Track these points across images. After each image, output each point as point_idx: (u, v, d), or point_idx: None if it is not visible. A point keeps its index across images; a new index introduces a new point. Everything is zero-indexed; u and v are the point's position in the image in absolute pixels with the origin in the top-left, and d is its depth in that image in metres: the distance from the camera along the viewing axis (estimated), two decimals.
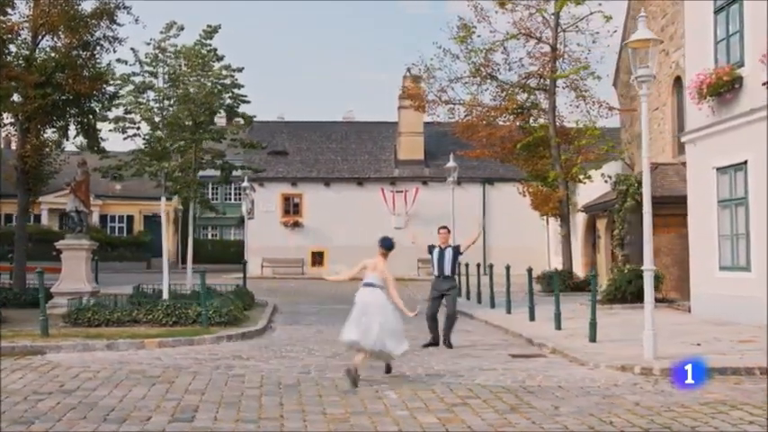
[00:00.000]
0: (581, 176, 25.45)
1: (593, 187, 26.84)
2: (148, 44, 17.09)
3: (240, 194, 53.56)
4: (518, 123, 26.33)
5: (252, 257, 39.96)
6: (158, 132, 15.78)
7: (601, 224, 23.51)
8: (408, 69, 41.61)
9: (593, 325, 12.70)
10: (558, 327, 14.49)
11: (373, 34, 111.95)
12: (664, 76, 23.70)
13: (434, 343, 13.05)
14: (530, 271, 17.26)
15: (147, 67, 16.86)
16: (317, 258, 40.14)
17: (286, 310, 20.19)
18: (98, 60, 21.55)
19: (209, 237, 61.01)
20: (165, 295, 16.49)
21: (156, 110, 16.15)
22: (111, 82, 19.44)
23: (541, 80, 26.40)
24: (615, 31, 26.73)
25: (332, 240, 39.69)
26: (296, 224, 40.04)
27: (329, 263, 39.85)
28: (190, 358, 11.58)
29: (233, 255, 52.97)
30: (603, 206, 22.33)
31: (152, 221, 53.89)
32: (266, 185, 39.70)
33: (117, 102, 20.10)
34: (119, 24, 21.51)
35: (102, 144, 21.99)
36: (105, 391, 8.98)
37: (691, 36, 17.03)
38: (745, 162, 14.63)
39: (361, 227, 39.31)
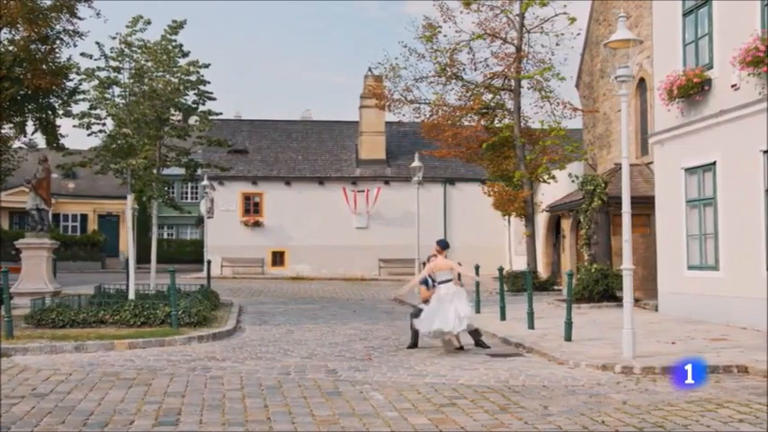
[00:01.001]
0: (545, 177, 25.60)
1: (554, 188, 27.03)
2: (114, 38, 16.68)
3: (198, 193, 52.92)
4: (483, 123, 26.37)
5: (211, 257, 39.40)
6: (125, 129, 15.38)
7: (566, 224, 23.69)
8: (370, 69, 41.68)
9: (568, 324, 12.72)
10: (531, 326, 14.50)
11: (328, 36, 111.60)
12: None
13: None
14: (501, 270, 17.29)
15: (112, 62, 16.45)
16: (278, 258, 39.76)
17: (252, 310, 19.89)
18: (58, 55, 21.02)
19: (165, 236, 60.14)
20: (132, 295, 16.09)
21: (122, 105, 15.73)
22: (74, 76, 18.98)
23: (506, 80, 26.49)
24: (579, 34, 26.98)
25: (293, 240, 39.37)
26: (256, 223, 39.60)
27: (290, 263, 39.54)
28: (163, 360, 11.30)
29: (189, 254, 52.35)
30: (569, 206, 22.49)
31: (107, 221, 52.96)
32: (226, 184, 39.16)
33: (78, 97, 19.66)
34: (79, 18, 21.01)
35: (62, 141, 21.50)
36: (81, 395, 8.70)
37: (659, 38, 17.21)
38: (714, 163, 14.83)
39: (323, 226, 39.11)
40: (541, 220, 28.62)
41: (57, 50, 21.02)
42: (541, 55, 26.28)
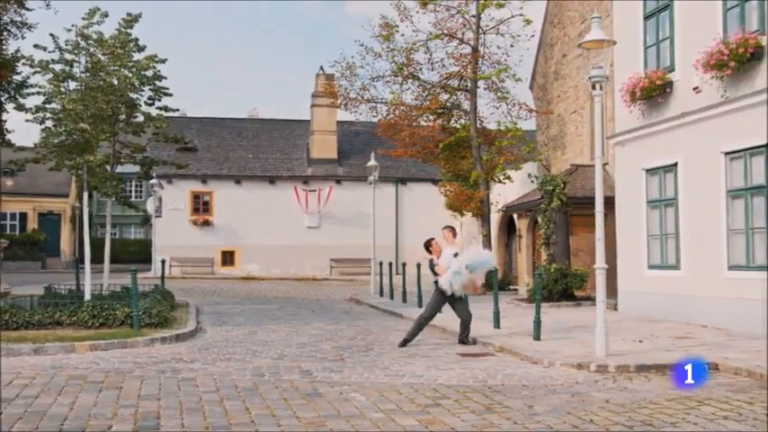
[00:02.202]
0: (501, 177, 25.75)
1: (506, 188, 27.24)
2: (69, 30, 16.16)
3: (143, 191, 51.88)
4: (440, 123, 26.41)
5: (159, 257, 38.65)
6: (82, 124, 14.88)
7: (522, 224, 23.87)
8: (321, 67, 41.48)
9: (537, 323, 12.75)
10: (497, 325, 14.52)
11: (271, 35, 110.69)
12: (582, 81, 24.27)
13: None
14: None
15: (68, 55, 15.92)
16: (228, 258, 39.25)
17: (209, 311, 19.53)
18: (4, 47, 20.28)
19: (108, 235, 58.79)
20: (88, 296, 15.60)
21: (78, 100, 15.23)
22: (22, 69, 18.33)
23: (462, 81, 26.58)
24: (533, 35, 27.23)
25: (243, 239, 38.92)
26: (206, 222, 39.02)
27: (240, 262, 39.06)
28: (129, 362, 10.95)
29: (133, 254, 51.18)
30: (527, 206, 22.66)
31: (47, 219, 51.54)
32: (175, 182, 38.51)
33: (27, 91, 19.00)
34: (27, 9, 20.33)
35: (8, 136, 20.77)
36: (49, 399, 8.34)
37: (620, 41, 17.38)
38: (676, 164, 15.07)
39: (274, 226, 38.74)
40: (494, 220, 28.77)
41: (3, 42, 20.30)
42: (497, 56, 26.47)
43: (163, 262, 23.27)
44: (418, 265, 19.25)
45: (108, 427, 7.18)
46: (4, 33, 20.35)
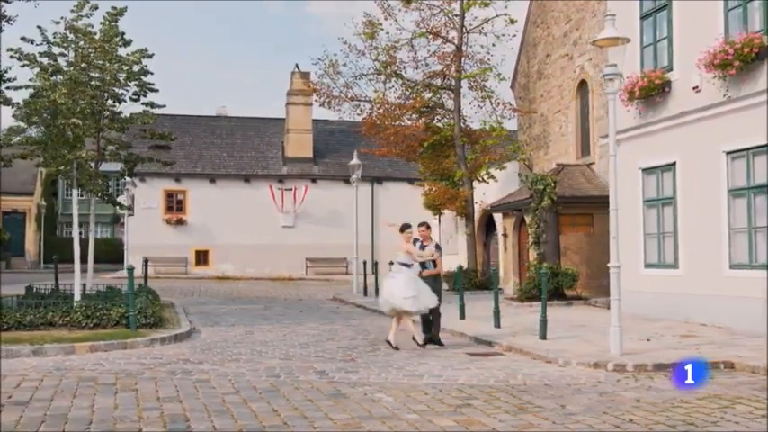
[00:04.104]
0: (485, 176, 25.74)
1: (487, 187, 27.24)
2: (58, 23, 15.68)
3: (121, 189, 50.93)
4: (423, 122, 26.31)
5: (132, 256, 37.97)
6: (74, 119, 14.45)
7: (508, 223, 23.85)
8: (297, 66, 41.11)
9: (543, 322, 12.67)
10: (498, 324, 14.43)
11: (239, 33, 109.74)
12: (567, 80, 24.37)
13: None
14: (460, 268, 17.19)
15: (57, 48, 15.46)
16: (202, 257, 38.69)
17: (195, 311, 19.14)
18: None
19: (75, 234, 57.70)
20: (78, 296, 15.17)
21: (68, 94, 14.77)
22: (9, 62, 17.78)
23: (446, 80, 26.51)
24: (515, 35, 27.26)
25: (217, 239, 38.38)
26: (179, 221, 38.43)
27: (214, 262, 38.52)
28: (135, 363, 10.63)
29: (102, 254, 50.20)
30: (513, 205, 22.64)
31: (11, 218, 50.38)
32: (148, 181, 37.85)
33: (5, 85, 18.45)
34: (7, 1, 19.70)
35: None
36: (65, 402, 8.03)
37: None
38: (674, 163, 15.13)
39: (248, 225, 38.26)
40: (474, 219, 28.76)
41: None
42: (480, 55, 26.47)
43: (146, 261, 22.76)
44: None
45: (138, 430, 6.91)
46: None
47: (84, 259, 18.21)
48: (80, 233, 17.68)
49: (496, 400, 8.26)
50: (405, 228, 12.78)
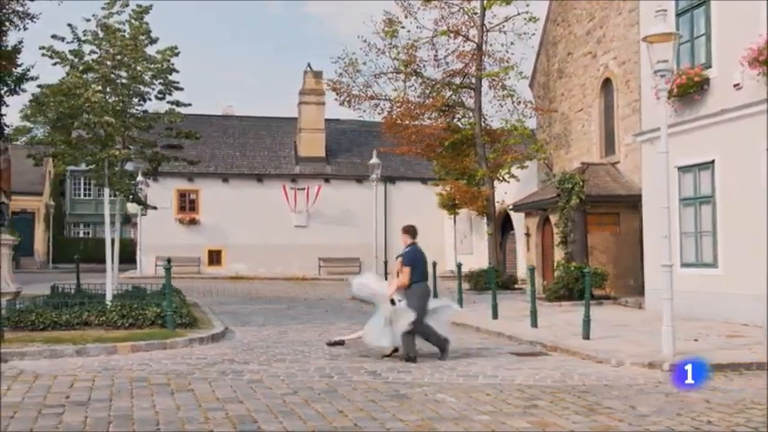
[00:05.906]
0: (506, 175, 25.59)
1: (507, 187, 27.05)
2: (89, 20, 15.53)
3: (142, 188, 50.73)
4: (445, 120, 26.16)
5: (145, 256, 37.85)
6: (107, 117, 14.29)
7: (530, 222, 23.67)
8: (309, 65, 40.94)
9: (587, 322, 12.52)
10: (534, 324, 14.27)
11: (240, 34, 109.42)
12: (590, 79, 24.21)
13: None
14: (492, 269, 17.04)
15: (87, 46, 15.31)
16: (215, 257, 38.51)
17: (219, 311, 18.96)
18: (5, 39, 19.56)
19: (82, 234, 57.72)
20: (109, 296, 15.02)
21: (101, 92, 14.64)
22: (31, 59, 17.65)
23: (465, 78, 26.34)
24: (534, 34, 27.13)
25: (230, 238, 38.18)
26: (192, 221, 38.24)
27: (227, 262, 38.33)
28: (181, 363, 10.48)
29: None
30: (538, 205, 22.48)
31: (20, 218, 50.18)
32: (160, 180, 37.54)
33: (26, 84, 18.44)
34: None
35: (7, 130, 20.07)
36: (125, 403, 7.87)
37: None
38: (713, 161, 14.97)
39: (261, 225, 38.06)
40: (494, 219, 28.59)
41: (5, 33, 19.57)
42: (500, 54, 26.31)
43: (168, 261, 22.49)
44: (434, 264, 18.95)
45: (209, 431, 6.76)
46: (6, 24, 19.62)
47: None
48: (87, 234, 17.57)
49: (562, 401, 8.11)
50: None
